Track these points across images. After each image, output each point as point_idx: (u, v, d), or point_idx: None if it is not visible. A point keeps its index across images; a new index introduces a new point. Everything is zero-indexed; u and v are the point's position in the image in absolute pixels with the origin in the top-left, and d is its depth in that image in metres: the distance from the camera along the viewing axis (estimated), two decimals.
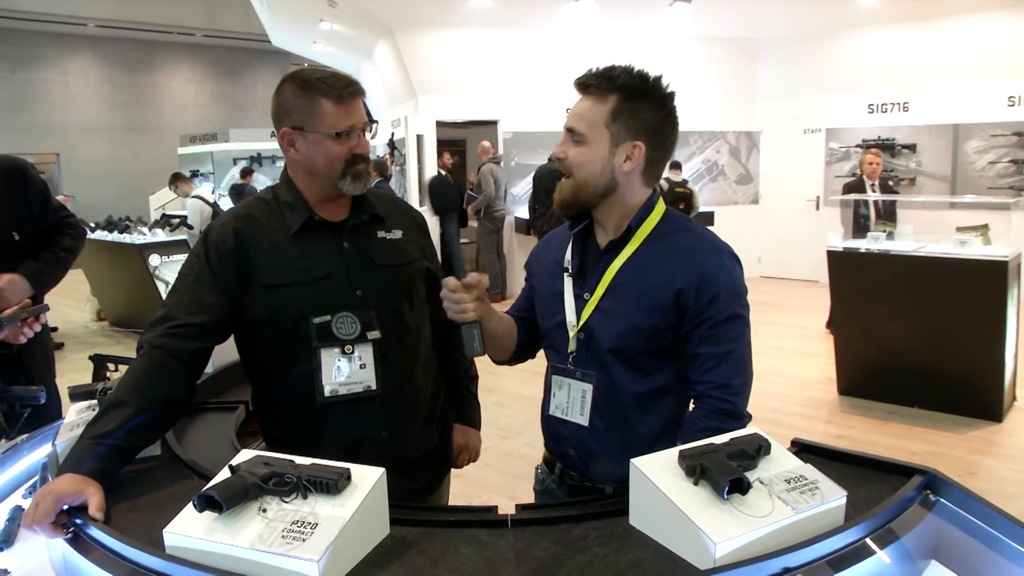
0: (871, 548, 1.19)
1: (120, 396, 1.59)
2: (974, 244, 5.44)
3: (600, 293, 1.73)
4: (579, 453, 1.81)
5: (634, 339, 1.70)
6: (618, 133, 1.67)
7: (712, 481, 1.21)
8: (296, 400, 1.85)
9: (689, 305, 1.65)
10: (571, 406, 1.79)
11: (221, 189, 13.88)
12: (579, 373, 1.77)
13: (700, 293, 1.64)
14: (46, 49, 17.61)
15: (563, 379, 1.81)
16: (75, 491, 1.38)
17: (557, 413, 1.82)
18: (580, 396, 1.77)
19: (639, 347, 1.71)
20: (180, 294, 1.78)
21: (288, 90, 1.82)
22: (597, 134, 1.67)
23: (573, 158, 1.69)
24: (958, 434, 5.14)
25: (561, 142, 1.72)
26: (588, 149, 1.68)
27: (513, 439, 4.96)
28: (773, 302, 9.41)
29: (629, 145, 1.68)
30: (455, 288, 1.64)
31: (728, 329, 1.66)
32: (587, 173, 1.69)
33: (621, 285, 1.71)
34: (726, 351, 1.66)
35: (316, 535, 1.14)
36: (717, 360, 1.66)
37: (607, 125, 1.67)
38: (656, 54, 10.90)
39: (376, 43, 11.68)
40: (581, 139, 1.68)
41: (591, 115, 1.68)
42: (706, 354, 1.66)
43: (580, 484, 1.84)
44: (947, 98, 9.93)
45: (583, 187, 1.70)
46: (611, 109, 1.66)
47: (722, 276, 1.66)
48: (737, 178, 11.94)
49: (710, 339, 1.66)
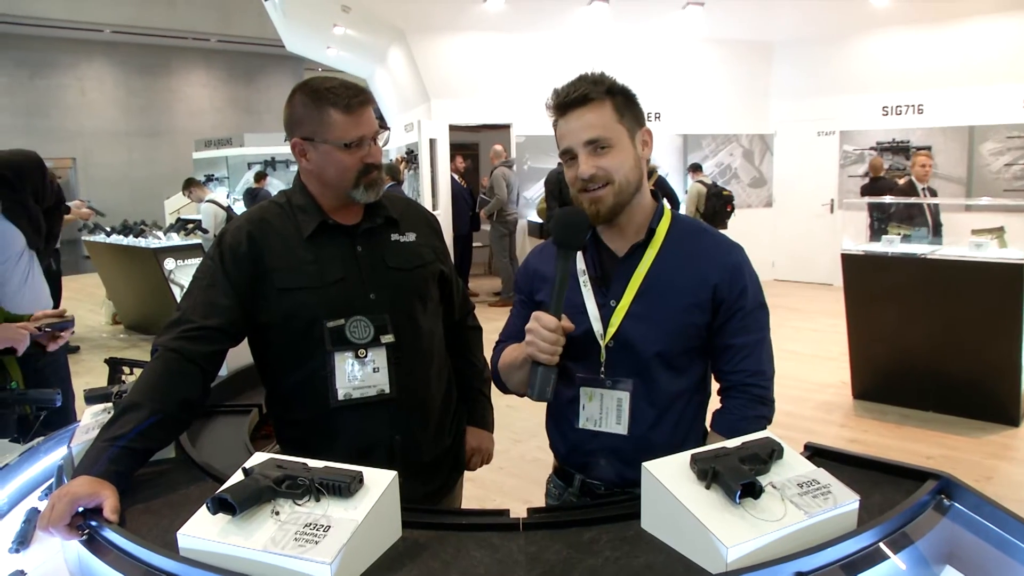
0: (884, 553, 1.19)
1: (134, 399, 1.60)
2: (990, 247, 5.40)
3: (630, 299, 1.72)
4: (612, 464, 1.77)
5: (678, 339, 1.71)
6: (630, 126, 1.70)
7: (724, 485, 1.21)
8: (309, 403, 1.85)
9: (724, 298, 1.70)
10: (605, 416, 1.75)
11: (236, 193, 13.95)
12: (610, 382, 1.74)
13: (733, 285, 1.71)
14: (63, 55, 17.78)
15: (593, 390, 1.76)
16: (90, 493, 1.39)
17: (589, 425, 1.77)
18: (615, 405, 1.74)
19: (681, 346, 1.72)
20: (194, 297, 1.79)
21: (298, 100, 1.82)
22: (618, 134, 1.68)
23: (608, 165, 1.67)
24: (974, 438, 5.10)
25: (583, 160, 1.67)
26: (618, 151, 1.67)
27: (526, 443, 4.96)
28: (787, 305, 9.37)
29: (642, 133, 1.73)
30: (555, 328, 1.60)
31: (757, 318, 1.74)
32: (627, 172, 1.68)
33: (654, 288, 1.71)
34: (757, 339, 1.74)
35: (329, 538, 1.15)
36: (750, 349, 1.72)
37: (619, 122, 1.68)
38: (669, 57, 10.92)
39: (389, 47, 11.72)
40: (608, 143, 1.66)
41: (604, 120, 1.67)
42: (740, 344, 1.72)
43: (609, 492, 1.80)
44: (962, 100, 9.89)
45: (624, 188, 1.69)
46: (614, 107, 1.68)
47: (746, 268, 1.74)
48: (750, 181, 11.91)
49: (742, 329, 1.72)
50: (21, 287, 3.07)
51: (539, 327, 1.60)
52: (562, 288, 1.63)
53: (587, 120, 1.67)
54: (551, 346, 1.60)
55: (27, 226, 3.05)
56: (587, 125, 1.67)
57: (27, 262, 3.10)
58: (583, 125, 1.67)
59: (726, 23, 10.75)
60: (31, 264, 3.14)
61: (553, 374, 1.62)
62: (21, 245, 3.05)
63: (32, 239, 3.08)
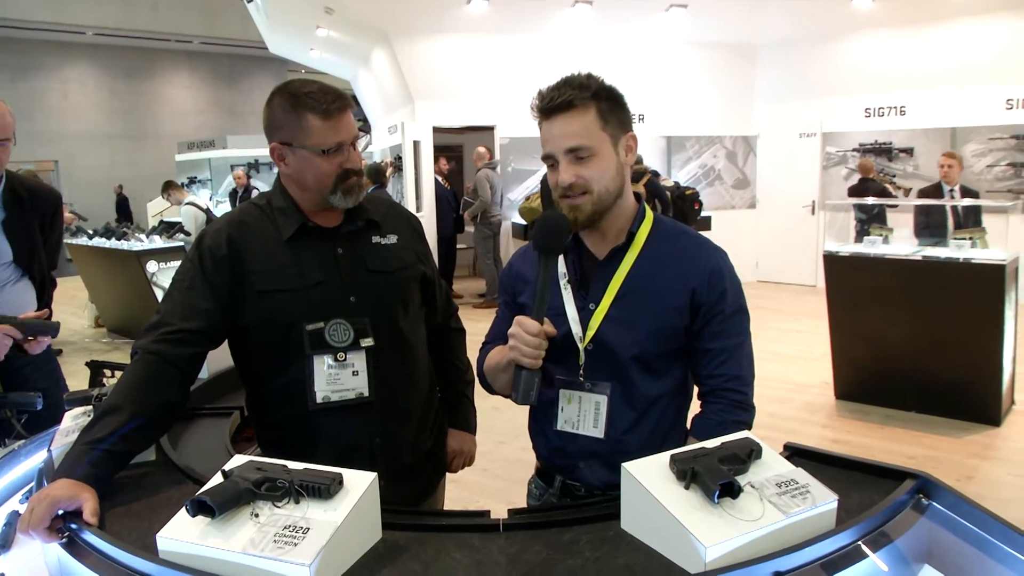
0: (863, 552, 1.19)
1: (114, 402, 1.59)
2: (971, 248, 5.44)
3: (608, 302, 1.72)
4: (590, 466, 1.79)
5: (655, 342, 1.71)
6: (614, 132, 1.68)
7: (703, 485, 1.21)
8: (289, 406, 1.85)
9: (703, 302, 1.70)
10: (583, 419, 1.76)
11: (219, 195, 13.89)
12: (588, 385, 1.75)
13: (712, 289, 1.70)
14: (46, 58, 17.66)
15: (572, 392, 1.77)
16: (70, 496, 1.38)
17: (567, 428, 1.78)
18: (593, 408, 1.75)
19: (659, 350, 1.72)
20: (174, 300, 1.79)
21: (277, 104, 1.81)
22: (600, 142, 1.66)
23: (589, 175, 1.66)
24: (956, 438, 5.14)
25: (564, 168, 1.66)
26: (599, 159, 1.66)
27: (509, 444, 4.96)
28: (770, 307, 9.41)
29: (625, 138, 1.71)
30: (537, 333, 1.61)
31: (736, 322, 1.73)
32: (607, 181, 1.67)
33: (633, 291, 1.72)
34: (736, 344, 1.72)
35: (308, 540, 1.15)
36: (728, 353, 1.71)
37: (603, 129, 1.67)
38: (652, 59, 10.95)
39: (373, 49, 11.70)
40: (589, 153, 1.65)
41: (587, 127, 1.66)
42: (718, 348, 1.71)
43: (588, 495, 1.81)
44: (944, 101, 9.96)
45: (604, 197, 1.68)
46: (598, 114, 1.66)
47: (727, 272, 1.73)
48: (734, 183, 11.95)
49: (721, 334, 1.71)
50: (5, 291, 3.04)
51: (521, 332, 1.61)
52: (544, 293, 1.64)
53: (569, 128, 1.66)
54: (533, 350, 1.61)
55: (22, 246, 3.03)
56: (569, 133, 1.65)
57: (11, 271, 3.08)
58: (565, 133, 1.66)
59: (710, 25, 10.79)
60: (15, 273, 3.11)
61: (536, 378, 1.63)
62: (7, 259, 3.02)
63: (21, 258, 3.06)
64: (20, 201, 2.99)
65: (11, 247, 2.98)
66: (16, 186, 3.00)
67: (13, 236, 2.98)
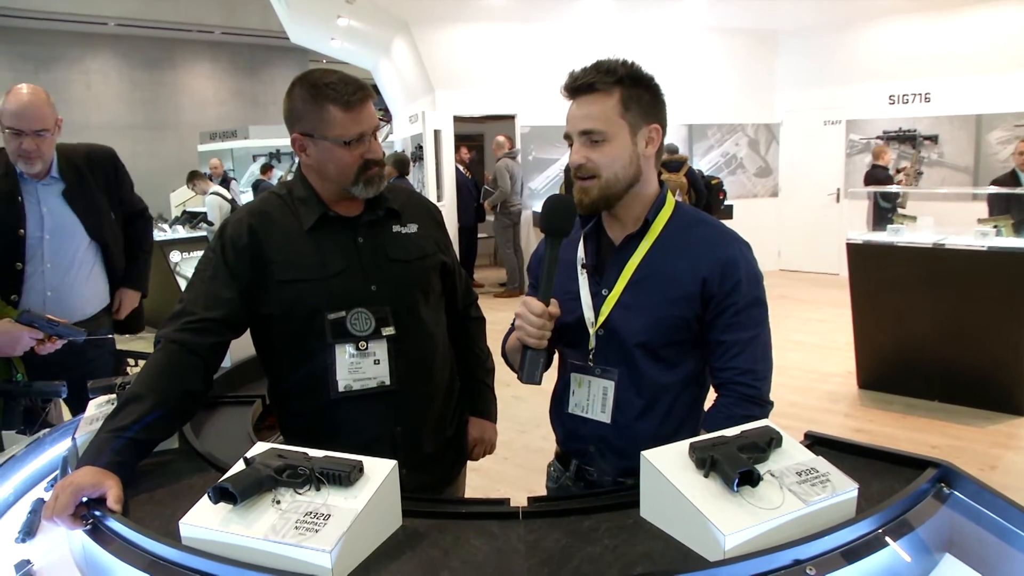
0: (883, 540, 1.19)
1: (138, 390, 1.61)
2: (995, 236, 5.39)
3: (620, 288, 1.73)
4: (600, 450, 1.80)
5: (661, 331, 1.71)
6: (634, 121, 1.68)
7: (722, 473, 1.21)
8: (311, 395, 1.86)
9: (714, 293, 1.67)
10: (591, 404, 1.78)
11: (242, 185, 13.96)
12: (599, 370, 1.76)
13: (724, 280, 1.67)
14: (68, 49, 17.76)
15: (582, 376, 1.80)
16: (93, 483, 1.40)
17: (577, 411, 1.81)
18: (601, 393, 1.77)
19: (666, 339, 1.72)
20: (197, 289, 1.80)
21: (297, 95, 1.81)
22: (616, 128, 1.67)
23: (598, 159, 1.67)
24: (979, 428, 5.10)
25: (576, 149, 1.69)
26: (612, 146, 1.67)
27: (531, 433, 4.97)
28: (793, 295, 9.36)
29: (647, 130, 1.70)
30: (541, 313, 1.62)
31: (750, 315, 1.69)
32: (617, 168, 1.68)
33: (644, 279, 1.72)
34: (750, 337, 1.69)
35: (329, 526, 1.15)
36: (741, 346, 1.68)
37: (622, 116, 1.67)
38: (673, 47, 10.88)
39: (393, 39, 11.70)
40: (602, 137, 1.66)
41: (604, 112, 1.66)
42: (730, 341, 1.69)
43: (600, 480, 1.83)
44: (969, 88, 9.84)
45: (612, 184, 1.68)
46: (620, 100, 1.66)
47: (742, 263, 1.70)
48: (756, 171, 11.88)
49: (734, 326, 1.68)
50: (79, 281, 3.08)
51: (526, 312, 1.63)
52: (550, 274, 1.64)
53: (588, 110, 1.68)
54: (538, 330, 1.62)
55: (90, 215, 3.05)
56: (586, 115, 1.68)
57: (91, 257, 3.10)
58: (583, 114, 1.68)
59: (731, 12, 10.71)
60: (95, 259, 3.14)
61: (541, 358, 1.64)
62: (81, 236, 3.05)
63: (94, 230, 3.09)
64: (78, 169, 3.04)
65: (80, 219, 3.00)
66: (71, 156, 3.05)
67: (78, 206, 3.01)
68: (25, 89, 2.84)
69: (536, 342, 1.63)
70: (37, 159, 2.86)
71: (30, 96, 2.81)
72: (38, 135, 2.80)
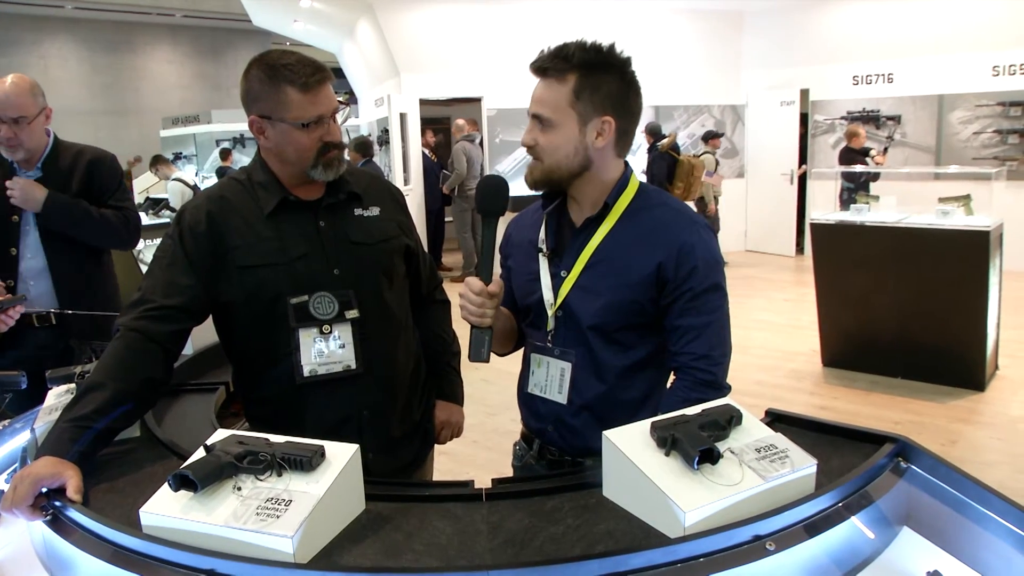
0: (842, 515, 1.21)
1: (97, 379, 1.59)
2: (956, 215, 5.47)
3: (578, 270, 1.73)
4: (558, 430, 1.82)
5: (615, 314, 1.71)
6: (584, 111, 1.66)
7: (683, 451, 1.22)
8: (276, 381, 1.85)
9: (669, 278, 1.67)
10: (550, 384, 1.81)
11: (205, 171, 13.79)
12: (557, 351, 1.78)
13: (680, 265, 1.66)
14: (24, 33, 17.40)
15: (542, 357, 1.82)
16: (52, 474, 1.39)
17: (536, 391, 1.84)
18: (559, 374, 1.79)
19: (620, 322, 1.72)
20: (155, 277, 1.78)
21: (254, 76, 1.78)
22: (563, 116, 1.66)
23: (543, 144, 1.68)
24: (940, 403, 5.19)
25: (529, 129, 1.70)
26: (557, 133, 1.67)
27: (500, 415, 4.98)
28: (759, 276, 9.43)
29: (598, 121, 1.67)
30: (480, 292, 1.62)
31: (707, 300, 1.68)
32: (559, 157, 1.68)
33: (601, 262, 1.72)
34: (706, 322, 1.68)
35: (290, 512, 1.15)
36: (697, 331, 1.68)
37: (571, 105, 1.66)
38: (639, 27, 10.86)
39: (357, 21, 11.59)
40: (548, 124, 1.67)
41: (553, 98, 1.66)
42: (686, 326, 1.68)
43: (560, 459, 1.85)
44: (931, 69, 9.95)
45: (554, 170, 1.70)
46: (572, 88, 1.65)
47: (699, 248, 1.68)
48: (723, 152, 11.91)
49: (690, 311, 1.68)
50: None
51: (467, 291, 1.64)
52: (488, 253, 1.66)
53: (541, 92, 1.69)
54: (478, 308, 1.63)
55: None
56: (539, 99, 1.69)
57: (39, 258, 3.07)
58: (536, 97, 1.69)
59: None
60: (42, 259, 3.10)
61: (487, 336, 1.65)
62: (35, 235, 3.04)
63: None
64: (62, 166, 3.03)
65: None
66: (62, 151, 3.06)
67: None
68: (10, 78, 2.89)
69: (478, 320, 1.63)
70: (17, 146, 2.90)
71: (11, 84, 2.86)
72: (15, 123, 2.83)
